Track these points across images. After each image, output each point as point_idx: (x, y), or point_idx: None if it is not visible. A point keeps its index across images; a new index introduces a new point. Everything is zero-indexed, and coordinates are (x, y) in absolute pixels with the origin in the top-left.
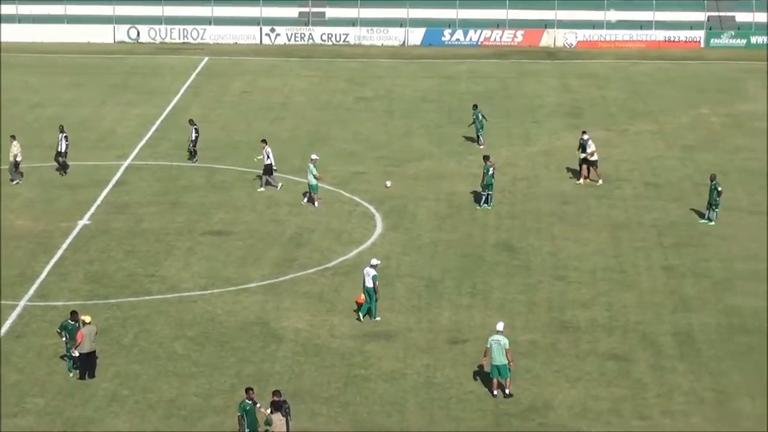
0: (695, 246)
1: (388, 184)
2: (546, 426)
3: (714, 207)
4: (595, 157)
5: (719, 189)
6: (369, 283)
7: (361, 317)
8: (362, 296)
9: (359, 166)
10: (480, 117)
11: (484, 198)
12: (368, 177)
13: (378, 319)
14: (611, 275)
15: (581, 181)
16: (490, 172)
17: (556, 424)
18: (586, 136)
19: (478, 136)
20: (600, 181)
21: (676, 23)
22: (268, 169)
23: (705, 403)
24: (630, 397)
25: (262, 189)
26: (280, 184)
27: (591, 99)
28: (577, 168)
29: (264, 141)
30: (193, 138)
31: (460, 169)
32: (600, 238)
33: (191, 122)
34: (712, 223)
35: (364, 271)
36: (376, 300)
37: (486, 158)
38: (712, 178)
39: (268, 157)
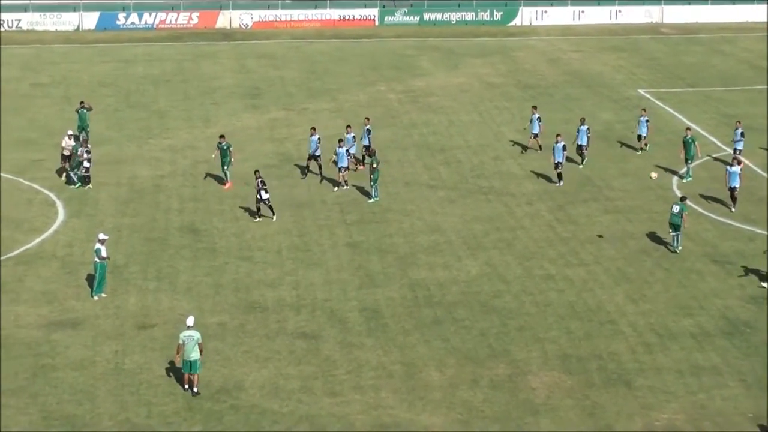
0: (378, 222)
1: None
2: (238, 407)
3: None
4: None
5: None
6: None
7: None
8: None
9: (37, 153)
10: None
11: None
12: (47, 164)
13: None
14: (296, 254)
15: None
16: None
17: (248, 405)
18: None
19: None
20: None
21: (351, 2)
22: None
23: (394, 376)
24: (320, 374)
25: None
26: None
27: (269, 79)
28: None
29: None
30: None
31: (141, 153)
32: (284, 217)
33: None
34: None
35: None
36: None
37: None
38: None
39: None
